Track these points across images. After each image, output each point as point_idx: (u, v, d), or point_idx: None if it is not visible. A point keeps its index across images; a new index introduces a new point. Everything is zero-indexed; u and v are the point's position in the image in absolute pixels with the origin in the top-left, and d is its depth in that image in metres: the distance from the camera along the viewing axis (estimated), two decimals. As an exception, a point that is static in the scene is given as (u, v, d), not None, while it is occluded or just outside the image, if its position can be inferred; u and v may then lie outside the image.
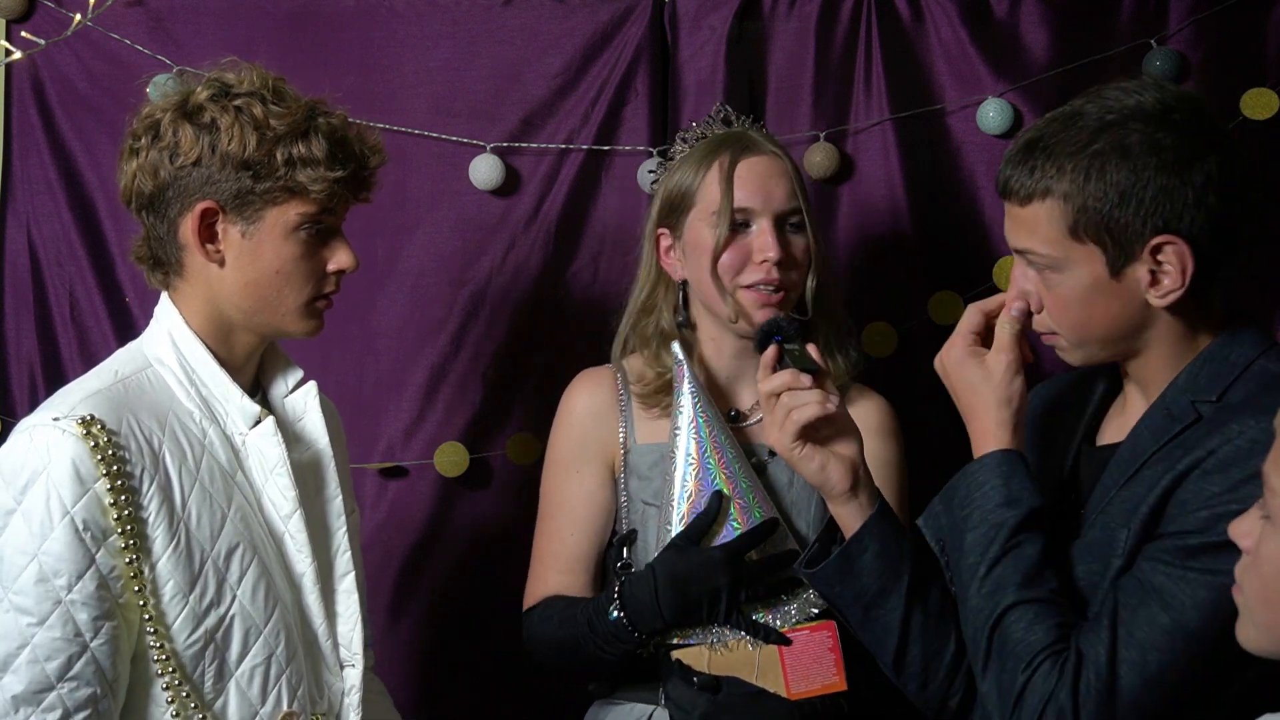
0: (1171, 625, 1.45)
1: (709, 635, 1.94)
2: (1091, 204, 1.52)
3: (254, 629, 1.65)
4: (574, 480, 2.07)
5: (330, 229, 1.71)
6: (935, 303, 2.44)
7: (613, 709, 2.04)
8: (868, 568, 1.72)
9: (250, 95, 1.64)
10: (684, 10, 2.43)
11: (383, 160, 1.74)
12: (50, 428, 1.55)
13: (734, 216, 1.98)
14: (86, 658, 1.55)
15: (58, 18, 2.38)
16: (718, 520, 1.94)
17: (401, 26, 2.43)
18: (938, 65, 2.44)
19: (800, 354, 1.76)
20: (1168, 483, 1.50)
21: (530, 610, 2.05)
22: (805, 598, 1.95)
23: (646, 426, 2.07)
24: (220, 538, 1.63)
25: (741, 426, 2.08)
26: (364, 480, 2.43)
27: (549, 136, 2.43)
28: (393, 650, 2.42)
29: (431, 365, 2.44)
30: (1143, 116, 1.52)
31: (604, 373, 2.13)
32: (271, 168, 1.62)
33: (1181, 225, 1.51)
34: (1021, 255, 1.61)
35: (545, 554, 2.07)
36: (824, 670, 1.92)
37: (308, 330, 1.74)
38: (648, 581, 1.91)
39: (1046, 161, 1.55)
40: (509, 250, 2.44)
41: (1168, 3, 2.42)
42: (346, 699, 1.78)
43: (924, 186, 2.44)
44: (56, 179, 2.42)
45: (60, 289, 2.43)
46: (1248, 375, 1.55)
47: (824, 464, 1.73)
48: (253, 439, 1.71)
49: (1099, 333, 1.59)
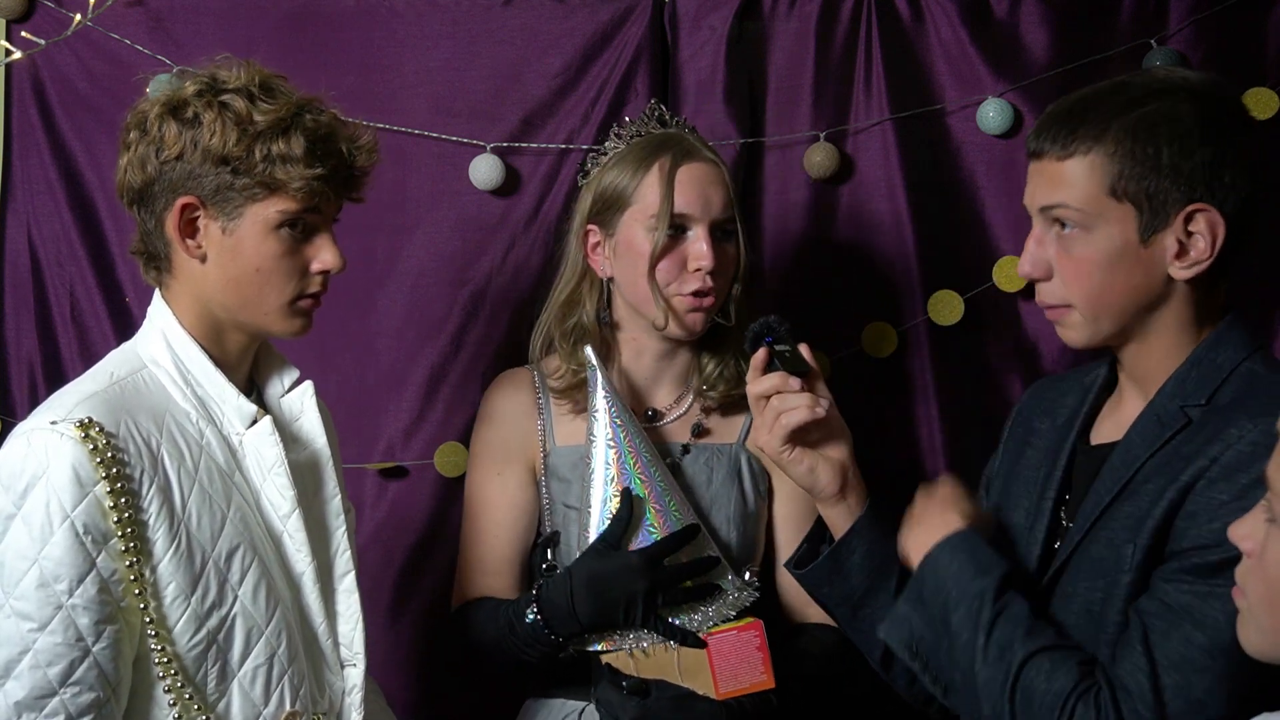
0: (1209, 644, 1.43)
1: (627, 639, 1.95)
2: (1135, 165, 1.52)
3: (256, 629, 1.65)
4: (496, 482, 2.08)
5: (314, 227, 1.69)
6: (935, 303, 2.43)
7: (544, 706, 2.06)
8: (857, 569, 1.72)
9: (236, 91, 1.63)
10: (684, 10, 2.43)
11: (372, 160, 1.72)
12: (48, 431, 1.54)
13: (673, 222, 1.98)
14: (89, 662, 1.54)
15: (58, 18, 2.38)
16: (633, 523, 1.95)
17: (401, 26, 2.43)
18: (938, 65, 2.44)
19: (792, 355, 1.75)
20: (1173, 495, 1.49)
21: (458, 611, 2.07)
22: (722, 601, 1.96)
23: (566, 428, 2.08)
24: (221, 538, 1.63)
25: (658, 426, 2.10)
26: (364, 480, 2.43)
27: (549, 136, 2.43)
28: (392, 650, 2.42)
29: (431, 365, 2.44)
30: (1191, 91, 1.54)
31: (522, 374, 2.15)
32: (250, 163, 1.61)
33: (1216, 199, 1.52)
34: (1047, 213, 1.58)
35: (471, 557, 2.09)
36: (752, 669, 1.93)
37: (292, 330, 1.72)
38: (564, 585, 1.92)
39: (1094, 118, 1.54)
40: (509, 250, 2.44)
41: (1168, 3, 2.42)
42: (348, 698, 1.78)
43: (924, 186, 2.44)
44: (56, 179, 2.42)
45: (60, 289, 2.43)
46: (1235, 378, 1.55)
47: (812, 467, 1.73)
48: (250, 439, 1.70)
49: (1114, 303, 1.57)
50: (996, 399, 2.41)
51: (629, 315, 2.07)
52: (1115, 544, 1.53)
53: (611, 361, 2.09)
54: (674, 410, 2.11)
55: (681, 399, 2.12)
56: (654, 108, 2.12)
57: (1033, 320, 2.45)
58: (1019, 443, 1.77)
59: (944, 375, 2.46)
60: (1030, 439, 1.75)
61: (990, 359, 2.47)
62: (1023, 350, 2.46)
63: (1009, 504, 1.72)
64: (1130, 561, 1.51)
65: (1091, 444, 1.67)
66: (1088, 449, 1.67)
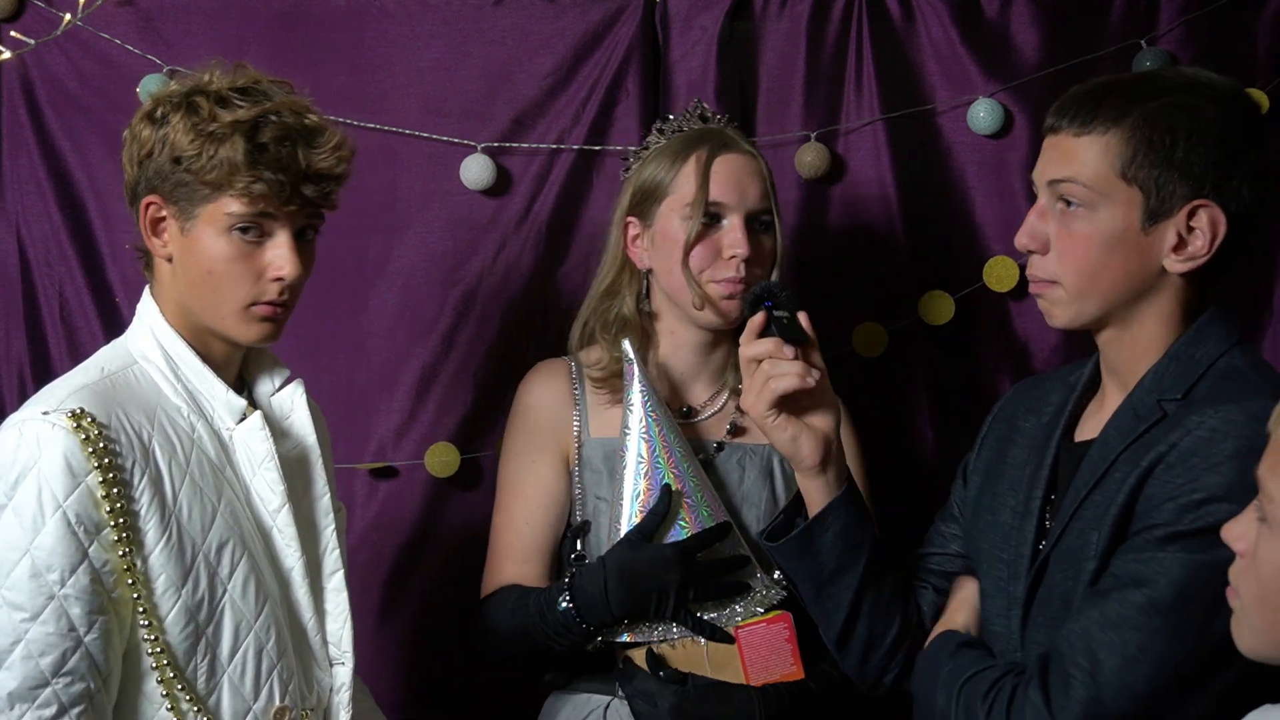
0: (1146, 602, 1.44)
1: (655, 631, 1.95)
2: (1150, 151, 1.53)
3: (245, 623, 1.65)
4: (529, 471, 2.08)
5: (270, 233, 1.67)
6: (926, 302, 2.44)
7: (569, 700, 2.05)
8: (828, 547, 1.73)
9: (208, 94, 1.64)
10: (675, 10, 2.43)
11: (336, 168, 1.68)
12: (40, 422, 1.55)
13: (707, 210, 1.99)
14: (81, 653, 1.54)
15: (47, 17, 2.38)
16: (667, 518, 1.95)
17: (392, 26, 2.42)
18: (929, 65, 2.44)
19: (789, 322, 1.75)
20: (1134, 481, 1.50)
21: (487, 599, 2.07)
22: (750, 599, 1.97)
23: (600, 419, 2.08)
24: (211, 532, 1.64)
25: (694, 422, 2.10)
26: (355, 480, 2.43)
27: (540, 136, 2.43)
28: (383, 650, 2.42)
29: (422, 365, 2.44)
30: (1216, 92, 1.55)
31: (559, 364, 2.15)
32: (199, 164, 1.61)
33: (1222, 199, 1.53)
34: (1054, 188, 1.59)
35: (501, 544, 2.09)
36: (782, 660, 1.94)
37: (251, 337, 1.69)
38: (598, 574, 1.92)
39: (1117, 100, 1.55)
40: (500, 250, 2.44)
41: (1158, 3, 2.43)
42: (336, 696, 1.78)
43: (915, 186, 2.44)
44: (46, 179, 2.41)
45: (50, 289, 2.43)
46: (1212, 372, 1.55)
47: (796, 435, 1.74)
48: (240, 434, 1.71)
49: (1104, 287, 1.58)
50: (987, 399, 2.40)
51: (667, 306, 2.09)
52: (1084, 532, 1.55)
53: (649, 355, 2.10)
54: (709, 407, 2.11)
55: (717, 396, 2.12)
56: (696, 105, 2.13)
57: (1023, 320, 2.46)
58: (1001, 440, 1.78)
59: (935, 375, 2.47)
60: (1015, 437, 1.75)
61: (981, 359, 2.47)
62: (1013, 350, 2.47)
63: (995, 502, 1.72)
64: (1095, 549, 1.52)
65: (1075, 442, 1.68)
66: (1071, 447, 1.67)
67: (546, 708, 2.10)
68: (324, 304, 2.40)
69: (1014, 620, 1.63)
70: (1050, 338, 2.44)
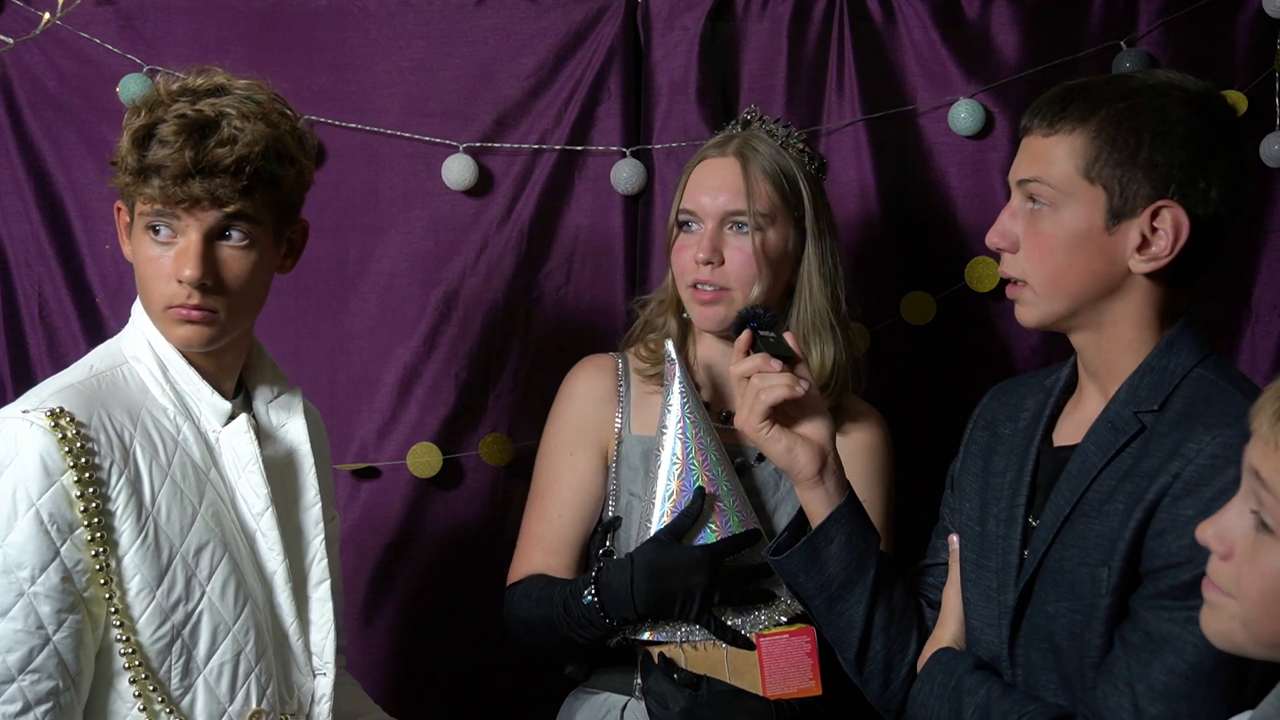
0: (1190, 670, 1.45)
1: (678, 632, 1.95)
2: (1113, 151, 1.53)
3: (223, 626, 1.65)
4: (567, 463, 2.08)
5: (180, 233, 1.62)
6: (907, 303, 2.44)
7: (588, 699, 2.05)
8: (834, 558, 1.73)
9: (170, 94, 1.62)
10: (657, 10, 2.43)
11: (226, 161, 1.58)
12: (19, 420, 1.55)
13: (679, 218, 2.02)
14: (48, 650, 1.54)
15: (26, 16, 2.36)
16: (699, 520, 1.95)
17: (374, 26, 2.42)
18: (910, 66, 2.45)
19: (775, 341, 1.78)
20: (1141, 515, 1.50)
21: (512, 586, 2.07)
22: (775, 608, 1.97)
23: (643, 417, 2.09)
24: (190, 534, 1.63)
25: (735, 428, 2.08)
26: (337, 481, 2.42)
27: (522, 136, 2.43)
28: (367, 651, 2.42)
29: (404, 366, 2.43)
30: (1185, 93, 1.55)
31: (606, 360, 2.16)
32: (128, 163, 1.61)
33: (1187, 201, 1.53)
34: (1023, 188, 1.60)
35: (533, 533, 2.09)
36: (800, 674, 1.93)
37: (177, 339, 1.66)
38: (625, 570, 1.92)
39: (1084, 100, 1.56)
40: (482, 251, 2.43)
41: (1137, 4, 2.44)
42: (316, 707, 1.77)
43: (896, 187, 2.45)
44: (25, 179, 2.40)
45: (29, 289, 2.41)
46: (1186, 383, 1.56)
47: (790, 447, 1.75)
48: (226, 436, 1.70)
49: (1070, 287, 1.58)
50: (969, 399, 2.40)
51: None
52: (1089, 564, 1.54)
53: (694, 355, 2.11)
54: None
55: None
56: (752, 111, 2.12)
57: (1004, 321, 2.46)
58: (984, 447, 1.78)
59: (916, 375, 2.47)
60: (995, 444, 1.75)
61: (962, 359, 2.48)
62: (994, 351, 2.47)
63: (985, 513, 1.72)
64: (1106, 585, 1.52)
65: (1055, 445, 1.68)
66: (1051, 451, 1.68)
67: (565, 706, 2.09)
68: (305, 304, 2.39)
69: (1004, 630, 1.63)
70: (1031, 338, 2.45)
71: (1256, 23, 2.44)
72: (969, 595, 1.70)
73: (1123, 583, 1.52)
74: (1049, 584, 1.58)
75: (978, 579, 1.69)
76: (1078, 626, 1.55)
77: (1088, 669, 1.53)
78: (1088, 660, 1.54)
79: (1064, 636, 1.56)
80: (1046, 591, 1.58)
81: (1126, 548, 1.51)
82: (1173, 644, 1.46)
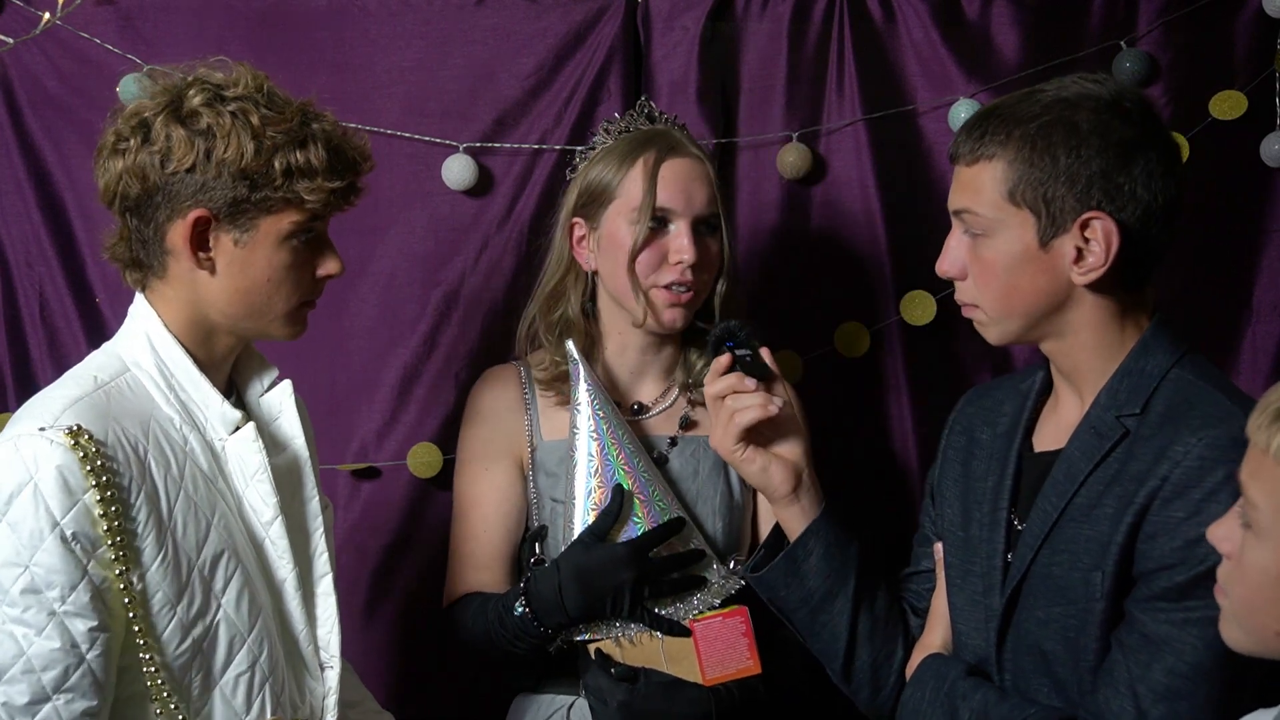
0: (1190, 671, 1.46)
1: (613, 629, 1.96)
2: (1032, 172, 1.54)
3: (238, 637, 1.64)
4: (484, 478, 2.09)
5: (319, 235, 1.69)
6: (907, 302, 2.44)
7: (534, 700, 2.07)
8: (814, 570, 1.74)
9: (244, 99, 1.60)
10: (657, 10, 2.43)
11: (373, 166, 1.72)
12: (37, 438, 1.52)
13: (654, 215, 2.00)
14: (83, 669, 1.52)
15: (26, 16, 2.36)
16: (621, 516, 1.96)
17: (374, 26, 2.42)
18: (910, 66, 2.45)
19: (753, 360, 1.79)
20: (1131, 518, 1.51)
21: (449, 608, 2.08)
22: (707, 591, 1.98)
23: (552, 422, 2.09)
24: (205, 546, 1.61)
25: (644, 419, 2.10)
26: (337, 481, 2.43)
27: (522, 136, 2.43)
28: (367, 651, 2.42)
29: (404, 366, 2.43)
30: (1095, 101, 1.56)
31: (508, 370, 2.16)
32: (269, 177, 1.59)
33: (1113, 208, 1.54)
34: (959, 218, 1.63)
35: (461, 553, 2.10)
36: (738, 655, 1.94)
37: (292, 334, 1.73)
38: (553, 577, 1.93)
39: (998, 127, 1.57)
40: (482, 251, 2.43)
41: (1137, 5, 2.44)
42: (326, 701, 1.77)
43: (896, 187, 2.45)
44: (26, 179, 2.40)
45: (30, 290, 2.41)
46: (1165, 385, 1.57)
47: (765, 466, 1.76)
48: (232, 445, 1.68)
49: (1020, 306, 1.60)
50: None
51: (612, 309, 2.08)
52: (1081, 569, 1.55)
53: (596, 355, 2.10)
54: (660, 404, 2.12)
55: (667, 393, 2.13)
56: (643, 104, 2.12)
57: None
58: (962, 453, 1.78)
59: (917, 375, 2.47)
60: (974, 449, 1.76)
61: (963, 359, 2.48)
62: (994, 350, 2.47)
63: (967, 519, 1.73)
64: (1100, 589, 1.53)
65: (1035, 450, 1.69)
66: (1032, 456, 1.68)
67: (513, 709, 2.11)
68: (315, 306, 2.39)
69: (991, 634, 1.64)
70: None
71: (1256, 23, 2.44)
72: (954, 600, 1.71)
73: (1116, 586, 1.52)
74: (1038, 590, 1.59)
75: (963, 583, 1.70)
76: (1072, 631, 1.55)
77: (1084, 673, 1.54)
78: (1083, 664, 1.54)
79: (1056, 641, 1.57)
80: (1036, 597, 1.59)
81: (1119, 551, 1.51)
82: (1171, 645, 1.47)
